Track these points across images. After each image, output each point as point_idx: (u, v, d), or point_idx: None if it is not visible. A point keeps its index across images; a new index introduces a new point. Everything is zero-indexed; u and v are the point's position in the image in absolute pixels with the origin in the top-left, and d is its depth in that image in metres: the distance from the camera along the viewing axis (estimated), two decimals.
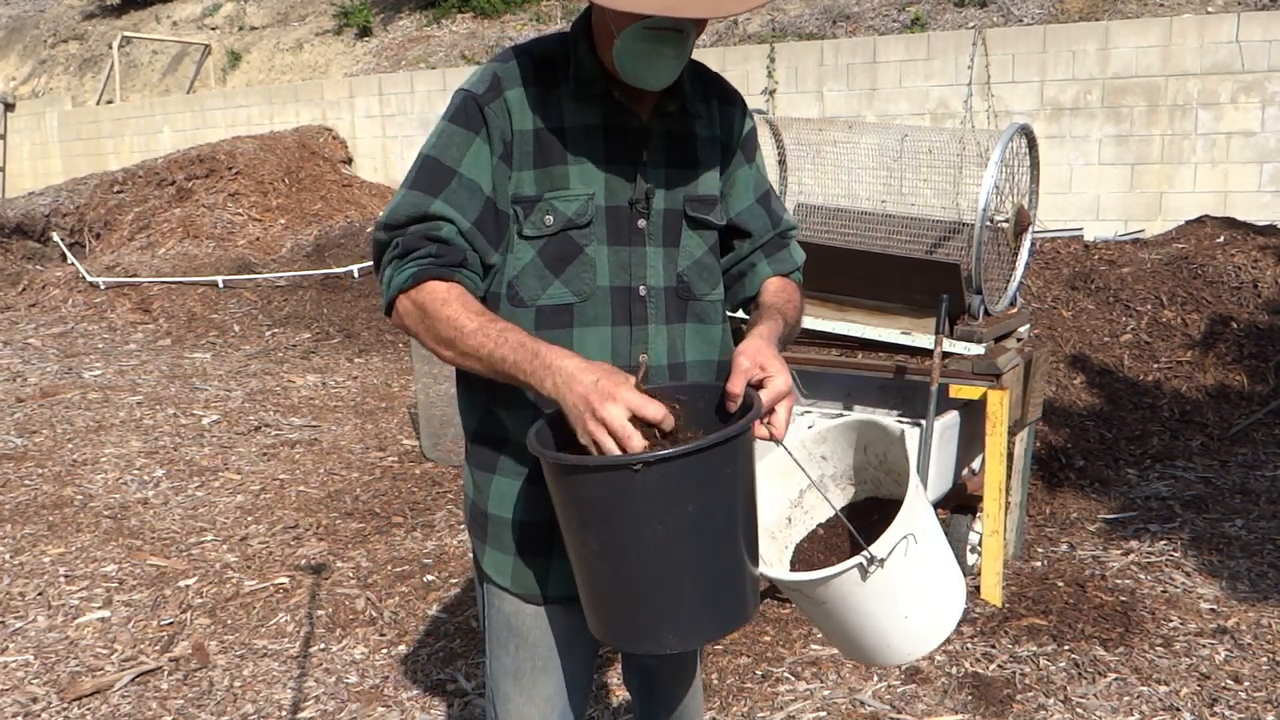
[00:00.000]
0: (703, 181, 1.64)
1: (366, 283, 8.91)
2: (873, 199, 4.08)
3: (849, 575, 1.44)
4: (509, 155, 1.54)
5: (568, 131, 1.54)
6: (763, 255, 1.75)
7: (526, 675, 1.65)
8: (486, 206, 1.53)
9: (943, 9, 10.12)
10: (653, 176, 1.59)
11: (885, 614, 1.51)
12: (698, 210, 1.63)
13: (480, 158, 1.52)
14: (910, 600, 1.51)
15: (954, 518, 3.76)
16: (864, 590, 1.47)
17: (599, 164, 1.56)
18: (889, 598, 1.49)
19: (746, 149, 1.73)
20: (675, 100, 1.59)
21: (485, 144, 1.53)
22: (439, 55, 13.07)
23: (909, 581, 1.50)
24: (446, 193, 1.51)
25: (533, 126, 1.54)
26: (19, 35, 19.56)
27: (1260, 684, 3.02)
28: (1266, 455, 4.83)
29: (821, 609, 1.51)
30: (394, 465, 5.20)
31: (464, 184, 1.52)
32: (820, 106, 9.33)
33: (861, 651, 1.57)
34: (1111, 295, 6.14)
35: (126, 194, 11.36)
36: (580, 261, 1.55)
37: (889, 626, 1.52)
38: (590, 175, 1.55)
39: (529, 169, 1.54)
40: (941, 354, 3.40)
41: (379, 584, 3.86)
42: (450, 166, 1.52)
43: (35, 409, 6.22)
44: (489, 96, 1.53)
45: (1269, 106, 7.77)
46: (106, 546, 4.24)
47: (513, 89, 1.54)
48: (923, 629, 1.54)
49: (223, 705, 3.10)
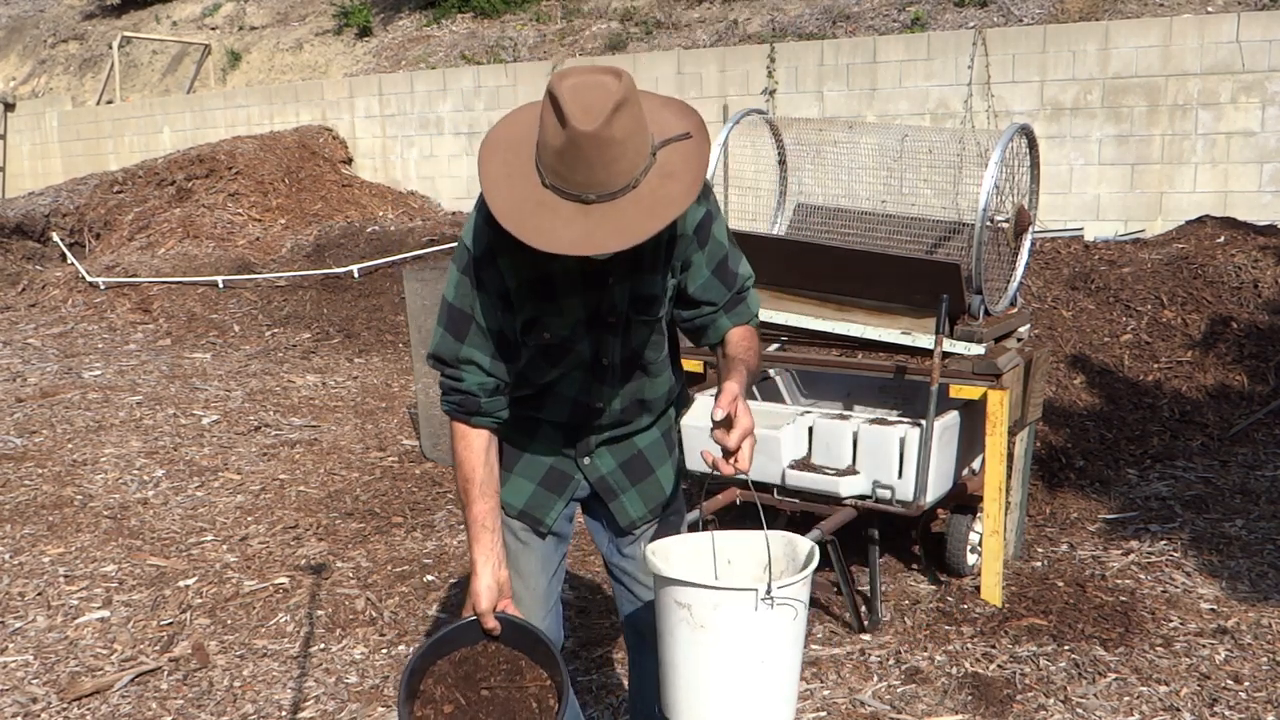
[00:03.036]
0: (645, 284, 1.92)
1: (366, 283, 8.91)
2: (873, 199, 4.08)
3: (745, 597, 1.65)
4: (509, 302, 1.89)
5: (554, 278, 1.87)
6: (723, 312, 2.05)
7: (515, 575, 2.08)
8: (500, 338, 1.92)
9: (943, 9, 10.12)
10: (616, 291, 1.91)
11: (753, 671, 1.69)
12: (640, 311, 1.94)
13: (488, 306, 1.89)
14: (769, 673, 1.71)
15: (954, 518, 3.76)
16: (748, 625, 1.66)
17: (580, 295, 1.89)
18: (758, 653, 1.69)
19: (699, 236, 1.94)
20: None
21: (489, 297, 1.89)
22: (439, 55, 13.07)
23: (781, 652, 1.71)
24: (469, 336, 1.92)
25: (526, 278, 1.87)
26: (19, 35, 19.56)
27: (1260, 684, 3.02)
28: (1266, 455, 4.83)
29: (695, 636, 1.70)
30: (394, 465, 5.20)
31: (479, 328, 1.91)
32: (820, 106, 9.33)
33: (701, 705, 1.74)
34: (1111, 295, 6.14)
35: (126, 194, 11.36)
36: (571, 355, 1.96)
37: (747, 688, 1.70)
38: (573, 306, 1.90)
39: (528, 304, 1.89)
40: (941, 354, 3.40)
41: (379, 584, 3.86)
42: (468, 313, 1.91)
43: (35, 409, 6.21)
44: (486, 262, 1.87)
45: (1269, 106, 7.77)
46: (106, 546, 4.24)
47: (504, 255, 1.84)
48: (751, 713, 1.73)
49: (223, 705, 3.10)
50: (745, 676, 1.70)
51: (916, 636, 3.36)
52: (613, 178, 1.63)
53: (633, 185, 1.65)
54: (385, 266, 9.07)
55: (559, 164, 1.64)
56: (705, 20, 11.60)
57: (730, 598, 1.66)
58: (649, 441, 2.14)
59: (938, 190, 3.94)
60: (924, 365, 3.50)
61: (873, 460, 3.43)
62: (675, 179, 1.68)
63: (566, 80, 1.63)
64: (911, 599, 3.63)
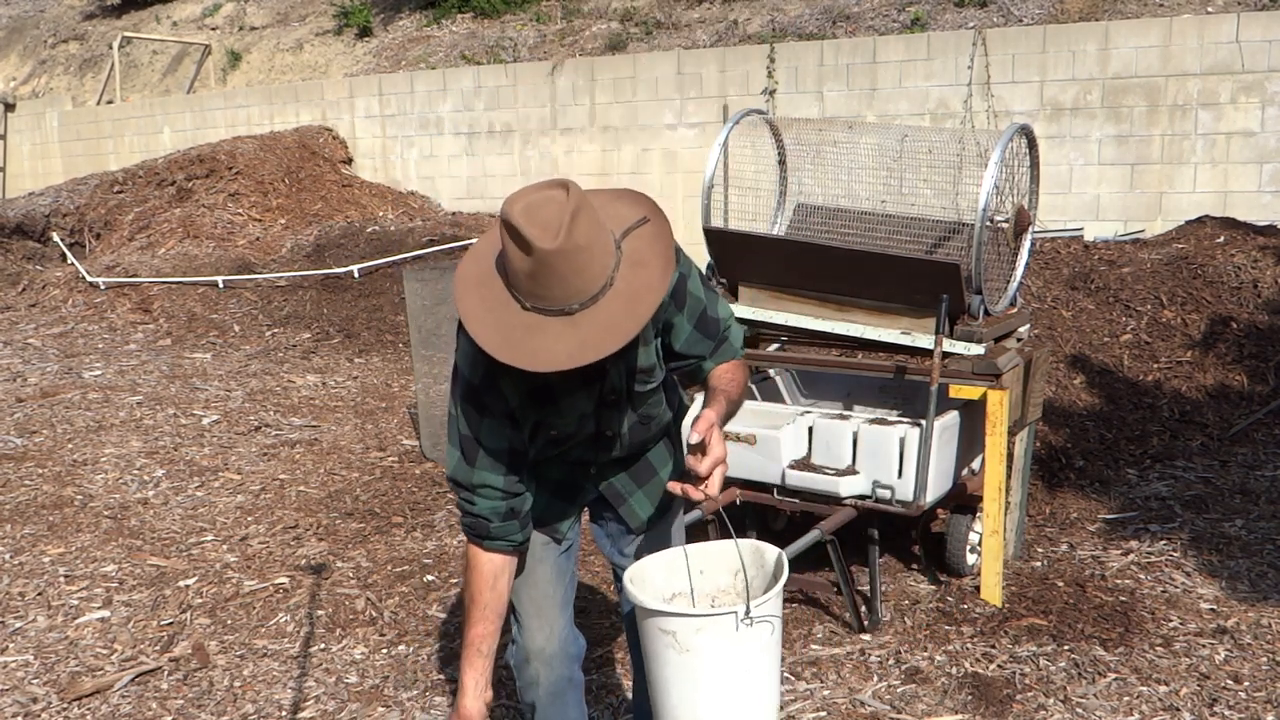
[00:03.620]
0: (640, 357, 1.97)
1: (367, 283, 8.91)
2: (873, 199, 4.08)
3: (726, 620, 1.72)
4: (514, 419, 1.93)
5: (551, 381, 1.89)
6: (709, 359, 2.06)
7: (522, 577, 2.14)
8: (511, 454, 1.95)
9: (943, 9, 10.12)
10: (614, 377, 1.96)
11: (738, 680, 1.77)
12: (640, 383, 1.99)
13: (495, 429, 1.93)
14: (755, 680, 1.78)
15: (954, 518, 3.76)
16: (730, 645, 1.73)
17: (579, 392, 1.94)
18: (742, 665, 1.76)
19: (676, 298, 1.97)
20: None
21: (495, 419, 1.92)
22: (439, 55, 13.07)
23: (763, 659, 1.78)
24: (479, 461, 1.95)
25: (526, 394, 1.91)
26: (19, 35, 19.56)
27: (1260, 684, 3.02)
28: (1266, 455, 4.83)
29: (682, 658, 1.76)
30: (394, 465, 5.20)
31: (487, 452, 1.94)
32: (820, 106, 9.33)
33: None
34: (1111, 295, 6.14)
35: (126, 194, 11.36)
36: (576, 435, 2.02)
37: (735, 698, 1.78)
38: (578, 403, 1.95)
39: (531, 414, 1.94)
40: (941, 354, 3.40)
41: (379, 584, 3.86)
42: (475, 439, 1.93)
43: (35, 409, 6.21)
44: (486, 386, 1.90)
45: (1269, 106, 7.77)
46: (106, 546, 4.24)
47: (504, 379, 1.88)
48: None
49: (223, 705, 3.10)
50: (733, 688, 1.78)
51: (916, 636, 3.36)
52: (588, 284, 1.67)
53: (609, 284, 1.70)
54: (385, 266, 9.07)
55: (534, 286, 1.67)
56: (705, 20, 11.60)
57: (712, 622, 1.75)
58: (652, 448, 2.20)
59: (938, 190, 3.94)
60: (924, 365, 3.50)
61: (873, 460, 3.43)
62: (646, 266, 1.73)
63: (516, 205, 1.66)
64: (911, 599, 3.63)
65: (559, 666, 2.18)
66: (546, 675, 2.17)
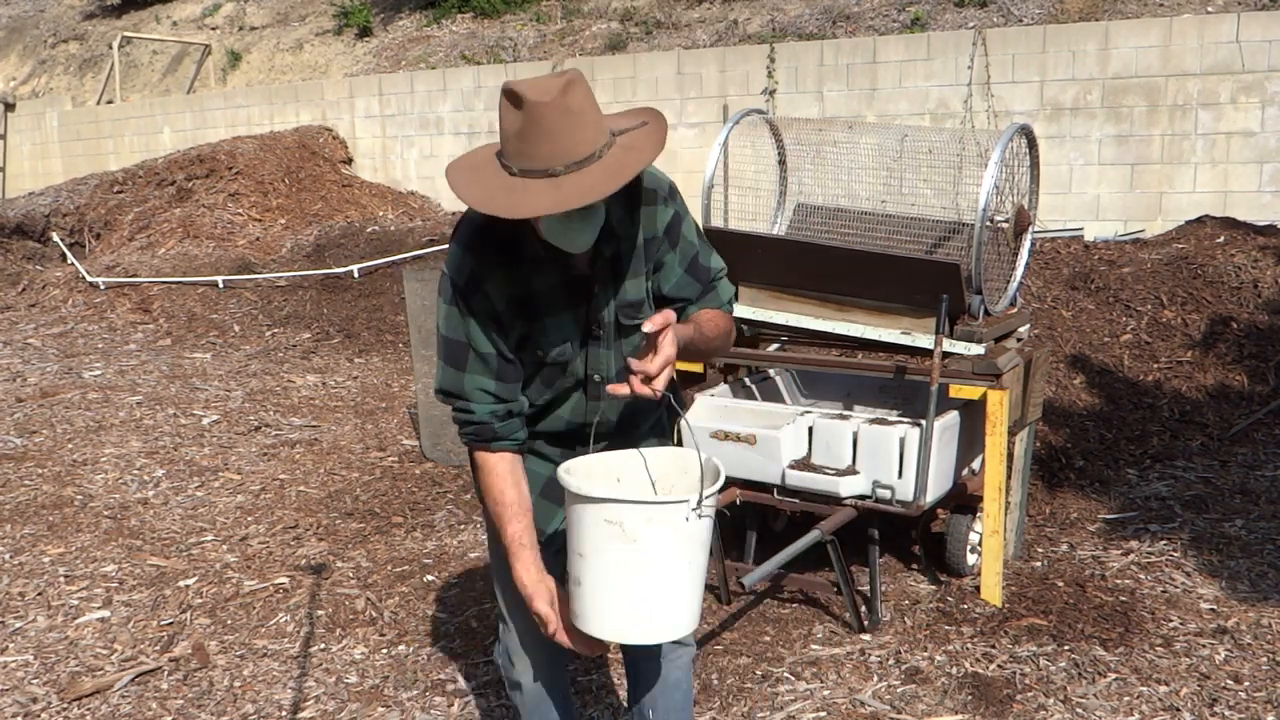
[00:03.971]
0: (629, 287, 1.98)
1: (367, 283, 8.91)
2: (873, 199, 4.09)
3: (679, 509, 1.74)
4: (500, 323, 1.93)
5: (537, 295, 1.93)
6: (696, 305, 2.08)
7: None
8: (500, 361, 1.95)
9: (943, 9, 10.12)
10: (600, 302, 1.96)
11: (682, 571, 1.79)
12: (627, 316, 1.99)
13: (481, 331, 1.93)
14: (694, 572, 1.81)
15: (954, 518, 3.76)
16: (677, 536, 1.75)
17: (565, 312, 1.95)
18: (689, 557, 1.79)
19: (670, 235, 2.01)
20: (610, 245, 1.94)
21: (481, 320, 1.93)
22: (439, 55, 13.07)
23: (702, 552, 1.82)
24: (469, 365, 1.95)
25: (511, 299, 1.92)
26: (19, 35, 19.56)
27: (1260, 684, 3.02)
28: (1266, 455, 4.83)
29: (627, 549, 1.76)
30: (394, 465, 5.20)
31: (477, 355, 1.94)
32: (820, 106, 9.33)
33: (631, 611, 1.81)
34: (1111, 295, 6.14)
35: (126, 194, 11.36)
36: (565, 374, 2.01)
37: (676, 588, 1.80)
38: (563, 324, 1.96)
39: (518, 325, 1.94)
40: (941, 354, 3.40)
41: (379, 584, 3.86)
42: (464, 342, 1.94)
43: (35, 409, 6.22)
44: (471, 289, 1.91)
45: (1269, 106, 7.77)
46: (106, 546, 4.24)
47: (488, 280, 1.91)
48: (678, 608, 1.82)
49: (223, 705, 3.10)
50: (676, 579, 1.80)
51: (916, 636, 3.36)
52: (576, 146, 1.70)
53: (597, 156, 1.72)
54: (385, 266, 9.07)
55: (522, 145, 1.70)
56: (705, 20, 11.60)
57: (663, 512, 1.76)
58: (643, 446, 2.16)
59: (938, 190, 3.94)
60: (924, 365, 3.50)
61: (873, 460, 3.43)
62: (638, 149, 1.77)
63: (516, 79, 1.74)
64: (911, 599, 3.63)
65: (543, 666, 2.18)
66: (530, 675, 2.18)
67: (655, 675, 2.22)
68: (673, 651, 2.22)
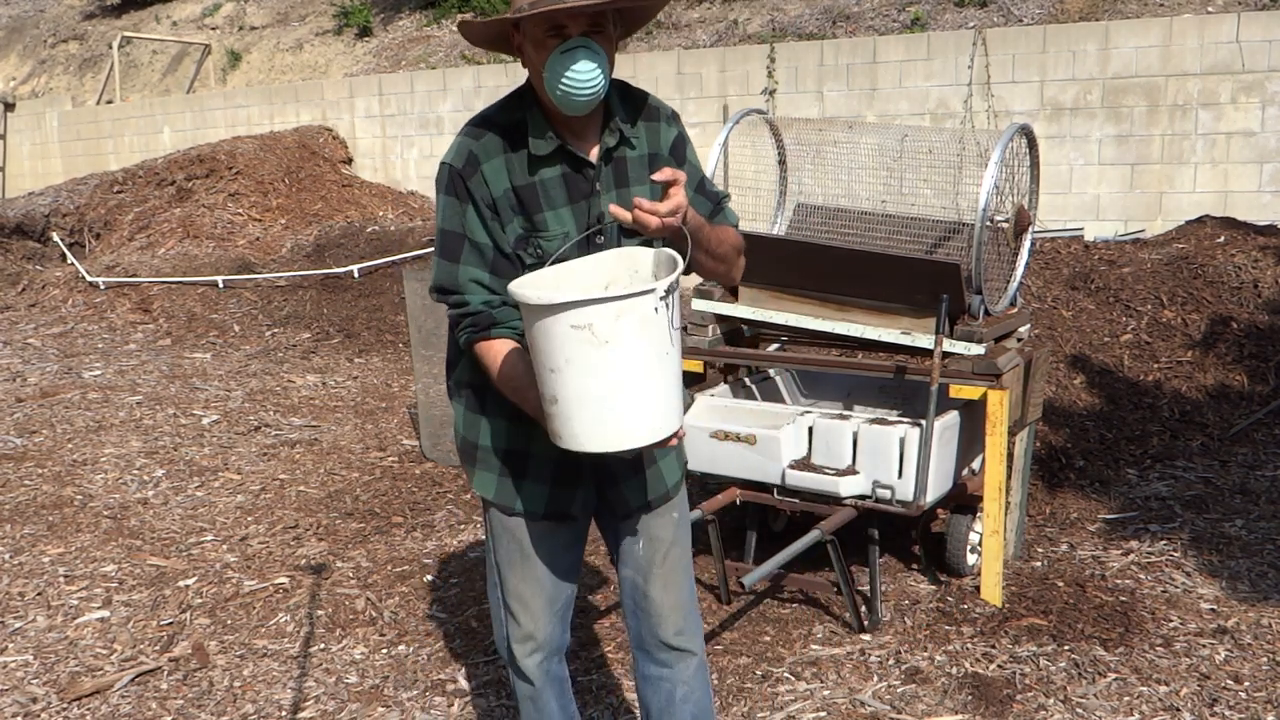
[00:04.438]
0: (634, 194, 1.96)
1: (367, 283, 8.91)
2: (873, 199, 4.08)
3: (647, 300, 1.69)
4: (496, 212, 1.94)
5: (538, 186, 1.94)
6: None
7: (518, 563, 2.12)
8: (495, 254, 1.96)
9: (943, 9, 10.12)
10: (604, 201, 1.96)
11: (655, 365, 1.74)
12: (633, 232, 1.93)
13: (474, 221, 1.94)
14: (672, 362, 1.77)
15: (954, 518, 3.76)
16: (649, 327, 1.71)
17: (565, 205, 1.96)
18: (663, 348, 1.74)
19: (676, 154, 2.06)
20: (613, 134, 1.97)
21: (474, 210, 1.94)
22: (439, 55, 13.07)
23: (676, 340, 1.78)
24: (464, 256, 1.95)
25: (509, 186, 1.93)
26: (19, 35, 19.56)
27: (1260, 684, 3.02)
28: (1266, 455, 4.83)
29: (601, 352, 1.71)
30: (394, 465, 5.20)
31: (472, 245, 1.95)
32: (820, 106, 9.33)
33: (617, 417, 1.76)
34: (1111, 295, 6.14)
35: (126, 194, 11.36)
36: None
37: (655, 383, 1.75)
38: (562, 217, 1.96)
39: (515, 218, 1.95)
40: (941, 354, 3.40)
41: (379, 584, 3.86)
42: (460, 233, 1.95)
43: (35, 409, 6.22)
44: (469, 172, 1.93)
45: (1269, 106, 7.77)
46: (106, 546, 4.24)
47: (488, 162, 1.93)
48: (660, 406, 1.77)
49: (223, 705, 3.10)
50: (652, 374, 1.75)
51: (916, 636, 3.36)
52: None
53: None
54: (385, 266, 9.07)
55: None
56: (705, 20, 11.60)
57: (631, 305, 1.70)
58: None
59: (938, 190, 3.94)
60: (924, 365, 3.50)
61: (873, 460, 3.43)
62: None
63: None
64: (911, 599, 3.63)
65: (543, 659, 2.18)
66: (530, 666, 2.18)
67: (662, 697, 2.19)
68: (680, 662, 2.18)
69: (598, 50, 1.83)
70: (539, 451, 2.04)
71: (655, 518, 2.15)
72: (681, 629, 2.16)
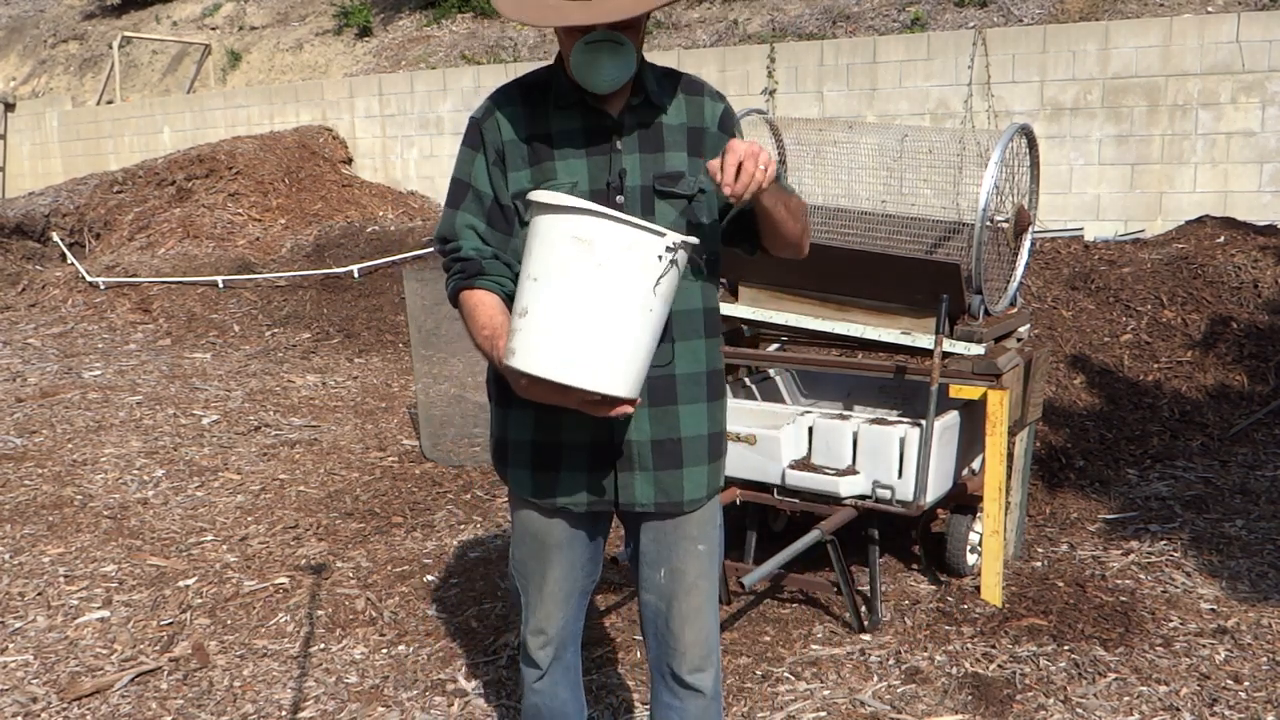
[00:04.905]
0: (669, 159, 1.96)
1: (367, 283, 8.91)
2: (873, 199, 4.08)
3: (656, 244, 1.66)
4: (502, 160, 1.95)
5: (553, 136, 1.94)
6: None
7: (537, 558, 2.11)
8: (492, 206, 1.96)
9: (943, 9, 10.12)
10: (626, 161, 1.94)
11: (636, 317, 1.68)
12: (665, 185, 1.95)
13: (480, 168, 1.97)
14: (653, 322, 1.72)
15: (954, 518, 3.76)
16: (646, 273, 1.66)
17: (580, 157, 1.93)
18: (649, 304, 1.69)
19: (724, 125, 2.02)
20: (638, 95, 1.95)
21: (483, 156, 1.96)
22: (439, 55, 13.07)
23: (660, 310, 1.72)
24: (465, 204, 1.98)
25: (523, 135, 1.94)
26: (19, 35, 19.56)
27: (1260, 684, 3.02)
28: (1266, 455, 4.83)
29: (591, 274, 1.66)
30: (394, 465, 5.20)
31: (474, 193, 1.97)
32: (820, 106, 9.33)
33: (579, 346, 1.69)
34: (1111, 295, 6.14)
35: (126, 194, 11.36)
36: None
37: (629, 331, 1.69)
38: (573, 167, 1.93)
39: (523, 169, 1.94)
40: (941, 354, 3.40)
41: (379, 584, 3.86)
42: (466, 181, 1.98)
43: (35, 409, 6.21)
44: (484, 117, 1.97)
45: (1269, 106, 7.77)
46: (106, 546, 4.24)
47: (504, 108, 1.96)
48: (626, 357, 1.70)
49: (223, 705, 3.10)
50: (631, 320, 1.69)
51: (916, 636, 3.36)
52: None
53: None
54: (385, 266, 9.07)
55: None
56: (705, 20, 11.60)
57: (641, 239, 1.65)
58: (692, 431, 2.03)
59: (938, 190, 3.94)
60: (924, 365, 3.50)
61: (873, 460, 3.43)
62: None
63: None
64: (911, 599, 3.63)
65: (555, 650, 2.18)
66: (542, 657, 2.18)
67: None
68: (692, 701, 2.12)
69: (622, 42, 1.82)
70: (570, 441, 1.99)
71: (678, 545, 2.06)
72: (699, 666, 2.10)
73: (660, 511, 2.05)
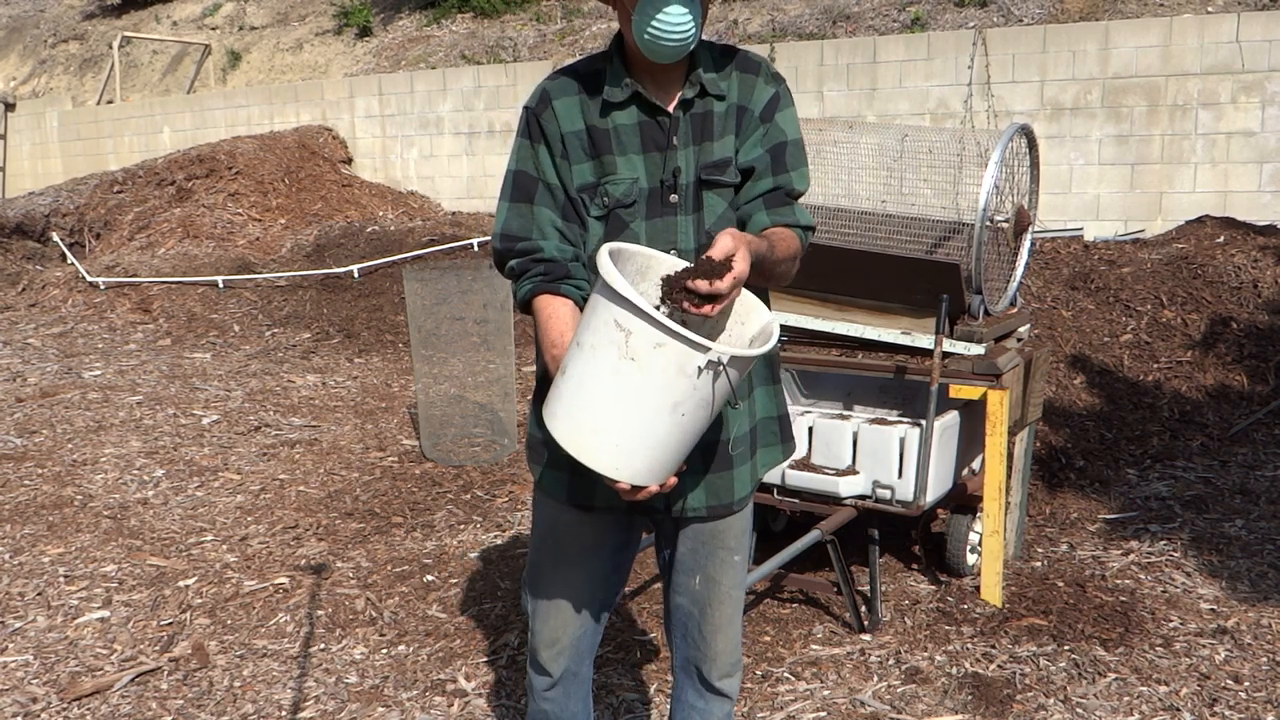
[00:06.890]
0: (717, 148, 1.90)
1: (367, 283, 8.91)
2: (873, 199, 4.08)
3: (693, 354, 1.54)
4: (566, 153, 1.89)
5: (611, 130, 1.89)
6: (763, 205, 1.93)
7: (553, 562, 2.06)
8: (565, 201, 1.90)
9: (943, 9, 10.12)
10: (680, 157, 1.89)
11: (666, 418, 1.60)
12: (710, 174, 1.90)
13: (546, 161, 1.90)
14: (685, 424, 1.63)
15: (954, 518, 3.76)
16: (680, 380, 1.57)
17: (638, 153, 1.89)
18: (685, 409, 1.60)
19: (766, 110, 1.94)
20: (693, 86, 1.90)
21: (546, 149, 1.90)
22: (439, 55, 13.07)
23: (703, 410, 1.63)
24: (539, 196, 1.89)
25: (581, 126, 1.89)
26: (19, 35, 19.56)
27: (1260, 684, 3.02)
28: (1266, 455, 4.83)
29: (619, 364, 1.58)
30: (394, 465, 5.20)
31: (547, 187, 1.90)
32: (820, 106, 9.33)
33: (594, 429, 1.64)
34: (1111, 295, 6.14)
35: (126, 194, 11.36)
36: (626, 235, 1.88)
37: (654, 431, 1.61)
38: (633, 163, 1.89)
39: (585, 161, 1.89)
40: (941, 354, 3.40)
41: (379, 584, 3.86)
42: (533, 175, 1.90)
43: (35, 409, 6.22)
44: (540, 109, 1.90)
45: (1269, 106, 7.77)
46: (106, 546, 4.24)
47: (559, 99, 1.90)
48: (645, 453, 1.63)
49: (223, 705, 3.10)
50: (657, 422, 1.61)
51: (916, 636, 3.36)
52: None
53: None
54: (385, 266, 9.07)
55: None
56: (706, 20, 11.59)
57: (676, 346, 1.55)
58: (739, 430, 1.97)
59: (938, 190, 3.94)
60: (924, 365, 3.50)
61: (873, 460, 3.43)
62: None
63: None
64: (911, 599, 3.63)
65: (570, 660, 2.13)
66: (554, 668, 2.12)
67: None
68: (718, 705, 2.13)
69: (694, 7, 1.78)
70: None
71: (715, 554, 2.03)
72: (727, 673, 2.11)
73: (712, 515, 2.01)
